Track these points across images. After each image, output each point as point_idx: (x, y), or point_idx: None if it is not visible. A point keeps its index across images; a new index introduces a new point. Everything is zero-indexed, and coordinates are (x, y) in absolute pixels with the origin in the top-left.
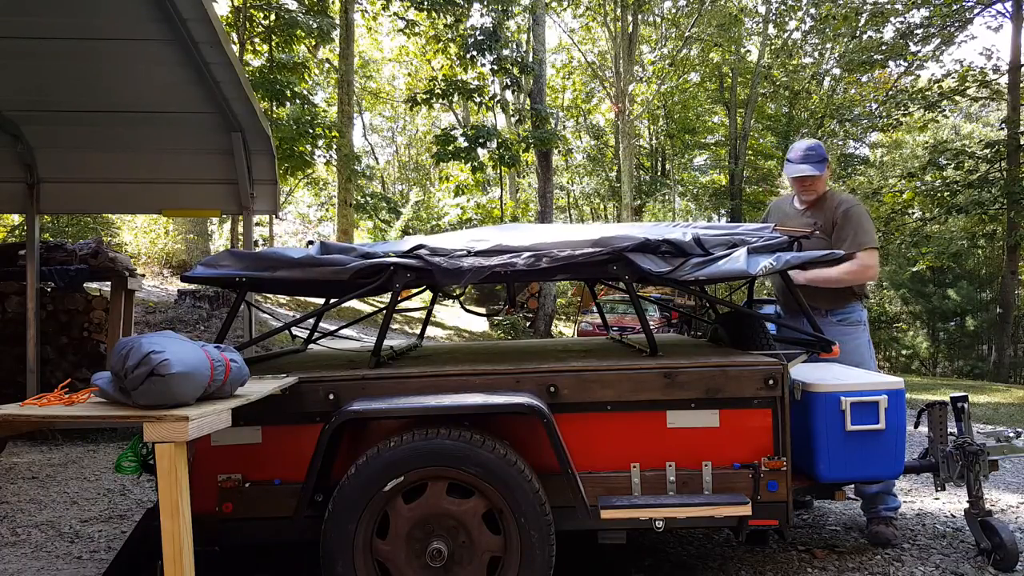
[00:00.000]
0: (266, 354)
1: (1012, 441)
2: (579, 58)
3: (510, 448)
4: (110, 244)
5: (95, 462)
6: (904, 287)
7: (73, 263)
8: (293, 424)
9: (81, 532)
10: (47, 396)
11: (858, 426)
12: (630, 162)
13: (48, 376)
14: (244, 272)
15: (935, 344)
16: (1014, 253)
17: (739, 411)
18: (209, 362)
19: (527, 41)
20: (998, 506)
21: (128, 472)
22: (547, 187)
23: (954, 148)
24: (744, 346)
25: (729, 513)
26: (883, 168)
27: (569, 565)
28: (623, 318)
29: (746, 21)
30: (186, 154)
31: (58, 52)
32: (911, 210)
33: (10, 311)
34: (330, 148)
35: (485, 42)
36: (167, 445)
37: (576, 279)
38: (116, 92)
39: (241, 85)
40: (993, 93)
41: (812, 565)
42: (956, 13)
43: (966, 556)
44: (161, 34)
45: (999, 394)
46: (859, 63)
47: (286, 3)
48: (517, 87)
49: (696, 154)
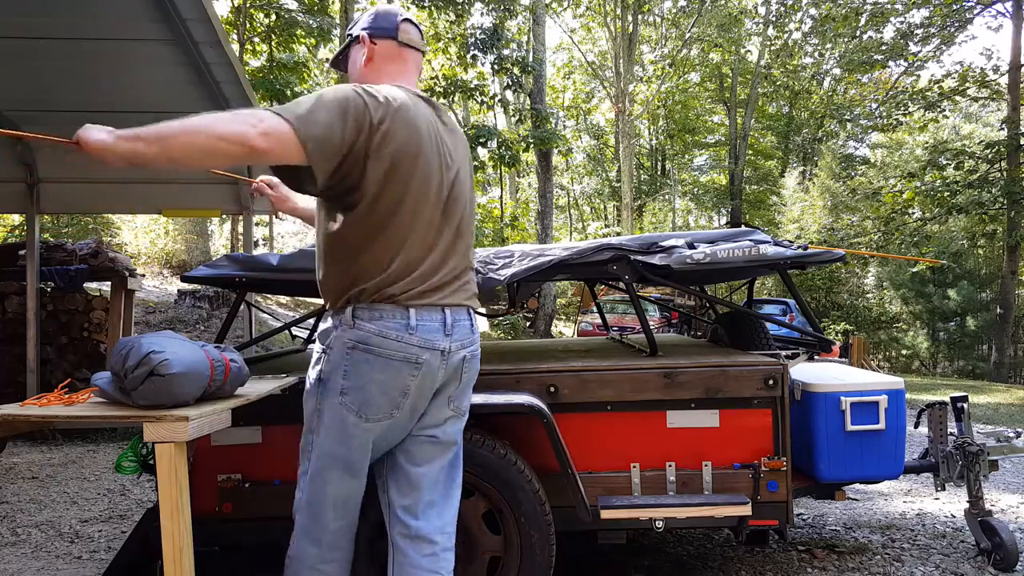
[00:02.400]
0: (266, 354)
1: (1012, 441)
2: (579, 58)
3: (510, 448)
4: (110, 244)
5: (95, 462)
6: (904, 287)
7: (73, 263)
8: (293, 424)
9: (81, 532)
10: (47, 396)
11: (858, 426)
12: (630, 162)
13: (48, 376)
14: (243, 272)
15: (935, 344)
16: (1014, 253)
17: (739, 411)
18: (209, 362)
19: (527, 41)
20: (998, 506)
21: (128, 472)
22: (547, 187)
23: (954, 148)
24: (744, 346)
25: (729, 513)
26: (883, 168)
27: (569, 565)
28: (623, 318)
29: (746, 22)
30: None
31: (58, 52)
32: (911, 210)
33: (10, 311)
34: None
35: (486, 41)
36: (167, 445)
37: (576, 279)
38: (116, 92)
39: (241, 85)
40: (993, 93)
41: (812, 565)
42: (956, 13)
43: (966, 556)
44: (161, 34)
45: (999, 394)
46: (859, 63)
47: (286, 3)
48: (518, 87)
49: (696, 154)
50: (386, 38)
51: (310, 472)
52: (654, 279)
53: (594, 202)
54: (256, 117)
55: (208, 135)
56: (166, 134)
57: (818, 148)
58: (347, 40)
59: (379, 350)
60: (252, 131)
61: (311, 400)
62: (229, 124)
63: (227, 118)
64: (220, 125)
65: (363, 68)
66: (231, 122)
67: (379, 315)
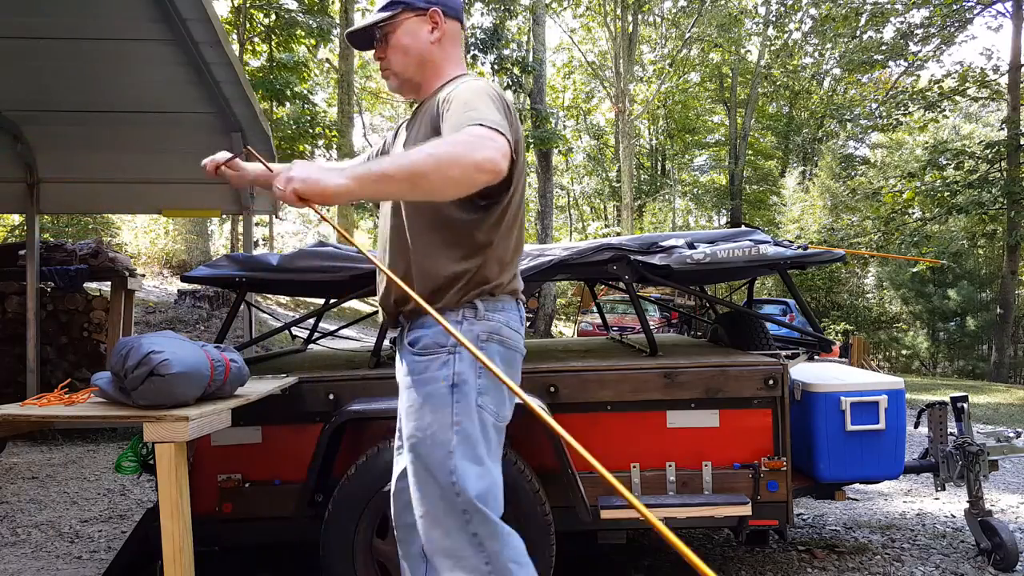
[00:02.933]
0: (266, 354)
1: (1012, 441)
2: (579, 58)
3: (510, 448)
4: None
5: (95, 462)
6: (904, 287)
7: (73, 263)
8: (293, 424)
9: (81, 532)
10: (47, 396)
11: (858, 426)
12: (630, 162)
13: (48, 376)
14: (243, 272)
15: (935, 344)
16: (1014, 253)
17: (739, 411)
18: (209, 362)
19: (527, 41)
20: (998, 506)
21: (128, 472)
22: (547, 187)
23: (954, 148)
24: (744, 346)
25: (729, 513)
26: (883, 168)
27: (569, 565)
28: (623, 318)
29: (746, 22)
30: (186, 154)
31: (58, 52)
32: (911, 210)
33: (10, 311)
34: (330, 148)
35: (486, 41)
36: (167, 445)
37: (576, 279)
38: (116, 92)
39: (241, 85)
40: (993, 93)
41: (812, 565)
42: (956, 13)
43: (966, 556)
44: (161, 34)
45: (999, 394)
46: (859, 63)
47: (286, 3)
48: (518, 87)
49: (696, 154)
50: (455, 18)
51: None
52: (654, 279)
53: (594, 202)
54: (488, 138)
55: (464, 167)
56: (418, 170)
57: (818, 148)
58: (394, 9)
59: (509, 341)
60: (498, 155)
61: (441, 413)
62: (479, 150)
63: (468, 143)
64: (473, 154)
65: (432, 46)
66: (478, 148)
67: (502, 307)
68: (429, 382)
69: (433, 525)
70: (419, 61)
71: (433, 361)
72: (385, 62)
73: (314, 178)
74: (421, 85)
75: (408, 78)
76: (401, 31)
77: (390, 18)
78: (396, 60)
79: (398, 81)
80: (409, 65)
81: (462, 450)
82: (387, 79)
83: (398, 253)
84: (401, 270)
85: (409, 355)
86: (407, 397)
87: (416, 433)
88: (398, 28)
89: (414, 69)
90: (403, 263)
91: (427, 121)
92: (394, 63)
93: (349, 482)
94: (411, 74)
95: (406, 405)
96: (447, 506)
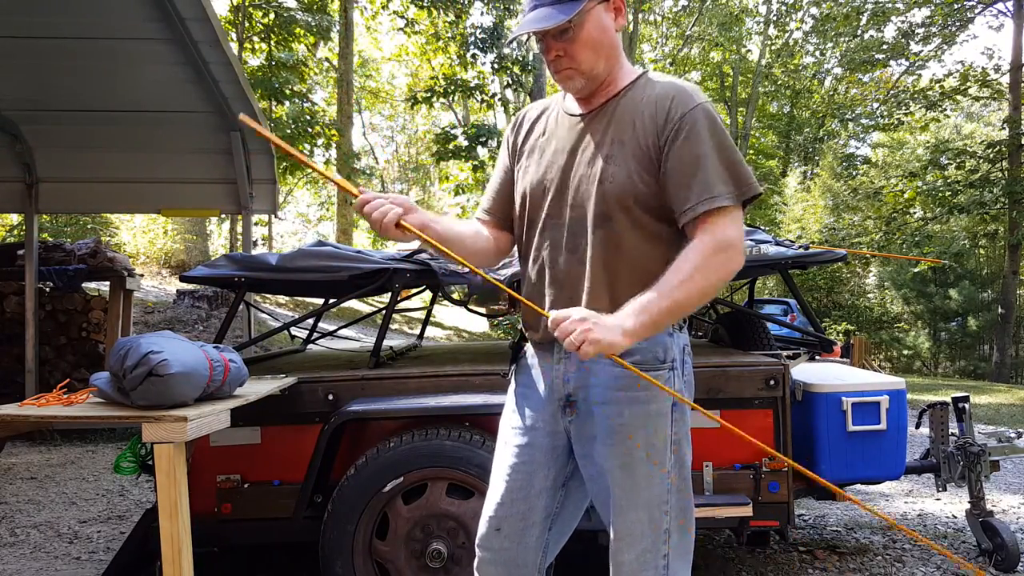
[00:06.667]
0: (265, 354)
1: (1013, 442)
2: None
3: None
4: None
5: (94, 463)
6: (906, 287)
7: (72, 263)
8: (292, 424)
9: (80, 533)
10: (46, 396)
11: (859, 426)
12: None
13: (47, 376)
14: (242, 272)
15: (936, 344)
16: (1015, 253)
17: (740, 411)
18: (208, 362)
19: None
20: (999, 507)
21: (127, 473)
22: None
23: (955, 148)
24: (745, 346)
25: (730, 514)
26: (885, 168)
27: (569, 565)
28: None
29: (747, 21)
30: (185, 154)
31: (57, 51)
32: (913, 210)
33: (9, 311)
34: (329, 147)
35: (486, 41)
36: (166, 445)
37: None
38: (115, 92)
39: (240, 84)
40: (994, 93)
41: (813, 566)
42: (957, 12)
43: (967, 557)
44: (160, 33)
45: (1001, 394)
46: (860, 62)
47: (285, 1)
48: (518, 85)
49: None
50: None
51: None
52: None
53: None
54: (735, 245)
55: (716, 285)
56: (678, 306)
57: (819, 147)
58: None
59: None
60: (739, 257)
61: (661, 430)
62: (732, 262)
63: (723, 264)
64: (724, 268)
65: (614, 37)
66: (733, 260)
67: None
68: (651, 400)
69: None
70: (608, 55)
71: (658, 377)
72: (567, 60)
73: (607, 341)
74: (605, 80)
75: (596, 75)
76: (591, 24)
77: (580, 12)
78: (586, 58)
79: (585, 80)
80: (600, 61)
81: (678, 471)
82: (568, 79)
83: (603, 267)
84: (606, 283)
85: (613, 366)
86: (611, 412)
87: (635, 452)
88: (587, 21)
89: (604, 64)
90: (610, 276)
91: (632, 132)
92: (583, 61)
93: (348, 482)
94: (600, 70)
95: (614, 422)
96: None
